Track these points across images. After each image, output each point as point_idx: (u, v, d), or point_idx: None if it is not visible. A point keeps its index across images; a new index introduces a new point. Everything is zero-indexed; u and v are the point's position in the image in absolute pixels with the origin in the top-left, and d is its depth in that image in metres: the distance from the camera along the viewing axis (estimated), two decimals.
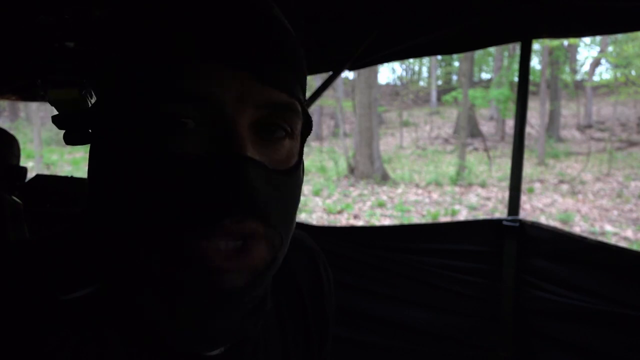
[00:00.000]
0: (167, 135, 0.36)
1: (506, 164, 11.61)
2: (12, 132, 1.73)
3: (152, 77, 0.35)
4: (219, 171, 0.35)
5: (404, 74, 29.26)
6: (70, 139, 0.42)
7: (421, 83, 27.86)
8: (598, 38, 16.02)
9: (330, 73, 2.02)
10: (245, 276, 0.38)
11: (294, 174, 0.42)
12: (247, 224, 0.36)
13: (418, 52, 2.01)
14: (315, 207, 8.02)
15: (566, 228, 6.68)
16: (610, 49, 13.95)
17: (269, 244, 0.39)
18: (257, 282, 0.39)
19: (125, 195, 0.37)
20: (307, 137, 0.45)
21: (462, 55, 12.85)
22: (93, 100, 0.43)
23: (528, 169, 11.31)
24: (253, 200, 0.36)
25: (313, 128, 0.46)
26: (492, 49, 17.82)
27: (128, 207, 0.37)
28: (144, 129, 0.36)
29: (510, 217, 1.83)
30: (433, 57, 19.39)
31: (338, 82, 15.22)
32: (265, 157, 0.39)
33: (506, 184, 9.44)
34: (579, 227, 6.83)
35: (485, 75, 25.67)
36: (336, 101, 13.92)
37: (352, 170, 11.05)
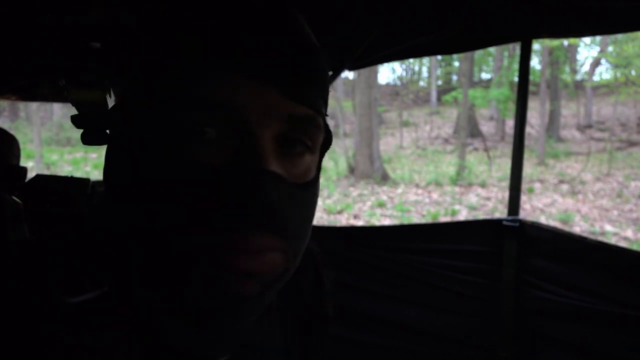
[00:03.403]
0: (189, 143, 0.36)
1: (506, 164, 11.60)
2: (12, 132, 1.72)
3: (178, 83, 0.36)
4: (239, 184, 0.35)
5: (404, 74, 29.27)
6: (88, 139, 0.42)
7: (421, 83, 27.84)
8: (598, 38, 16.02)
9: (330, 73, 2.02)
10: (257, 285, 0.38)
11: (311, 188, 0.42)
12: (264, 238, 0.36)
13: (418, 52, 2.00)
14: None
15: (566, 228, 6.68)
16: (610, 49, 13.95)
17: (283, 256, 0.39)
18: (267, 292, 0.39)
19: (141, 199, 0.37)
20: (326, 151, 0.45)
21: (462, 55, 12.85)
22: (112, 102, 0.43)
23: (528, 169, 11.31)
24: (270, 214, 0.36)
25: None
26: (492, 49, 17.82)
27: (141, 210, 0.37)
28: (167, 135, 0.36)
29: (510, 217, 1.83)
30: (433, 57, 19.38)
31: (338, 82, 15.22)
32: (285, 171, 0.39)
33: (506, 184, 9.44)
34: (579, 227, 6.83)
35: (485, 75, 25.66)
36: (336, 101, 13.92)
37: (352, 170, 11.05)
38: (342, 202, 8.43)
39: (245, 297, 0.37)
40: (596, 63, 17.04)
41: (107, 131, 0.42)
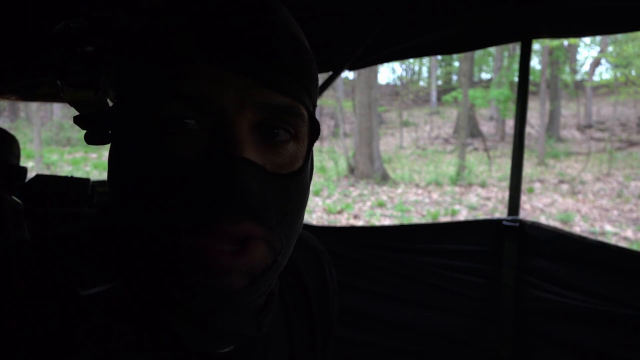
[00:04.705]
0: (169, 136, 0.37)
1: (506, 164, 11.61)
2: (12, 132, 1.73)
3: (156, 78, 0.37)
4: (214, 172, 0.35)
5: (404, 74, 29.25)
6: (91, 139, 0.43)
7: (421, 83, 27.84)
8: (598, 38, 16.02)
9: (330, 73, 2.02)
10: (244, 277, 0.38)
11: (297, 178, 0.41)
12: (244, 226, 0.36)
13: (418, 52, 2.00)
14: (315, 207, 8.02)
15: (566, 228, 6.68)
16: (610, 49, 13.95)
17: (269, 246, 0.39)
18: (256, 284, 0.39)
19: (131, 195, 0.38)
20: (314, 141, 0.45)
21: (462, 55, 12.85)
22: (110, 102, 0.45)
23: (528, 169, 11.31)
24: (248, 201, 0.36)
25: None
26: (492, 49, 17.82)
27: (133, 206, 0.38)
28: (148, 130, 0.37)
29: (510, 217, 1.83)
30: (433, 57, 19.39)
31: (338, 82, 15.22)
32: (267, 160, 0.39)
33: (506, 184, 9.44)
34: (579, 227, 6.83)
35: (485, 75, 25.66)
36: (336, 101, 13.92)
37: (352, 170, 11.05)
38: (342, 202, 8.44)
39: (233, 291, 0.38)
40: (596, 63, 17.04)
41: (109, 131, 0.43)
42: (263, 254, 0.39)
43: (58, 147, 14.97)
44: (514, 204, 1.83)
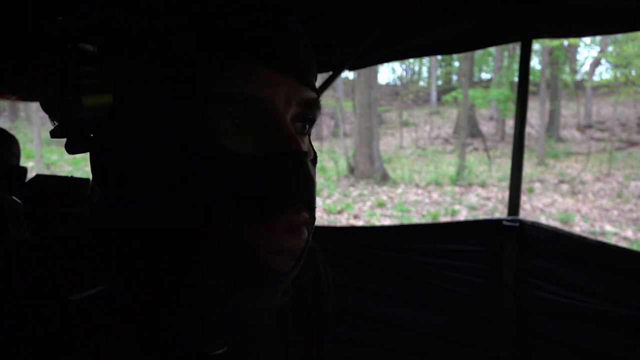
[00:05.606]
0: (222, 135, 0.38)
1: (506, 164, 11.60)
2: (12, 132, 1.73)
3: (205, 79, 0.37)
4: (289, 168, 0.38)
5: (404, 74, 29.23)
6: (74, 147, 0.43)
7: (421, 83, 27.84)
8: (598, 38, 16.01)
9: (330, 73, 2.02)
10: (291, 262, 0.41)
11: (316, 165, 0.46)
12: (303, 214, 0.39)
13: (418, 52, 2.01)
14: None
15: (566, 228, 6.68)
16: (610, 49, 13.94)
17: (309, 229, 0.42)
18: (297, 266, 0.42)
19: (180, 192, 0.38)
20: (310, 130, 0.48)
21: (462, 55, 12.84)
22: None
23: (528, 169, 11.31)
24: (311, 192, 0.40)
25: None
26: (492, 49, 17.81)
27: (171, 204, 0.39)
28: (199, 129, 0.38)
29: (510, 217, 1.83)
30: (433, 57, 19.38)
31: (338, 82, 15.22)
32: None
33: (506, 184, 9.44)
34: (579, 227, 6.83)
35: (485, 75, 25.66)
36: (336, 101, 13.92)
37: (352, 170, 11.05)
38: (342, 202, 8.44)
39: (284, 273, 0.40)
40: (596, 63, 17.03)
41: (91, 135, 0.43)
42: (306, 237, 0.42)
43: (58, 147, 14.96)
44: (514, 204, 1.83)
